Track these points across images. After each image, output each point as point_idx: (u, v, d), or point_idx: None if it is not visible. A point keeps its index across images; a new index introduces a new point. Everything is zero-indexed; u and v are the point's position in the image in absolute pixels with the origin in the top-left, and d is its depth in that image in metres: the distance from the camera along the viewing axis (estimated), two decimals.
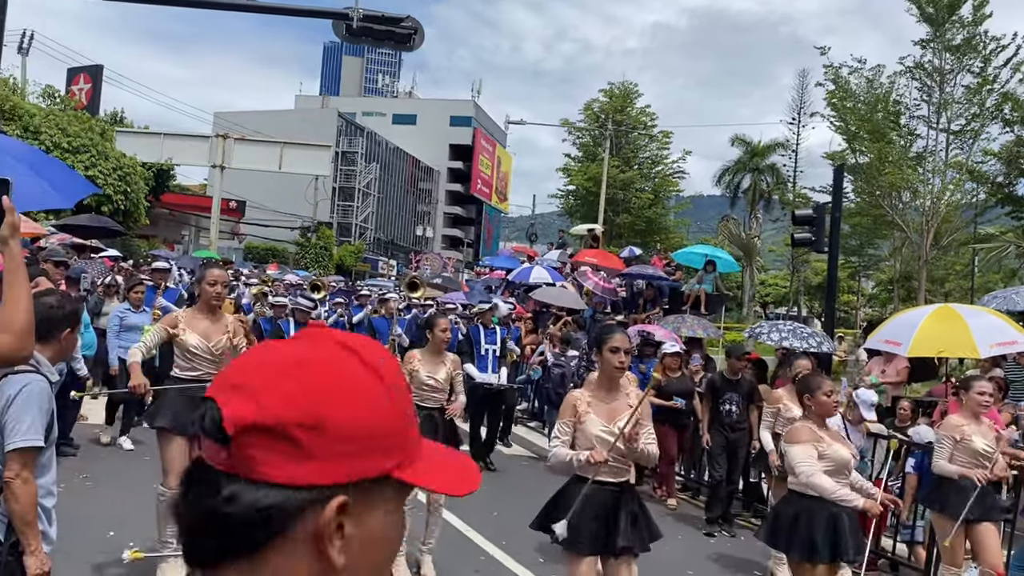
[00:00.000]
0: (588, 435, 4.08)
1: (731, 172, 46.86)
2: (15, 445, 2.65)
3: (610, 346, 4.16)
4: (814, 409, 4.82)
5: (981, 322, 7.51)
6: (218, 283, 5.19)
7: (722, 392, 7.99)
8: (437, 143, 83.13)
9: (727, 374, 8.09)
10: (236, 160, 32.25)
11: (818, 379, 4.97)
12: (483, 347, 9.72)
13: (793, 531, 4.63)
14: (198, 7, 13.47)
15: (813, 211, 11.19)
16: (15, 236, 2.34)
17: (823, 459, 4.59)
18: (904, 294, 32.11)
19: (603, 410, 4.14)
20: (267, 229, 50.12)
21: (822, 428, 4.80)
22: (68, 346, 3.03)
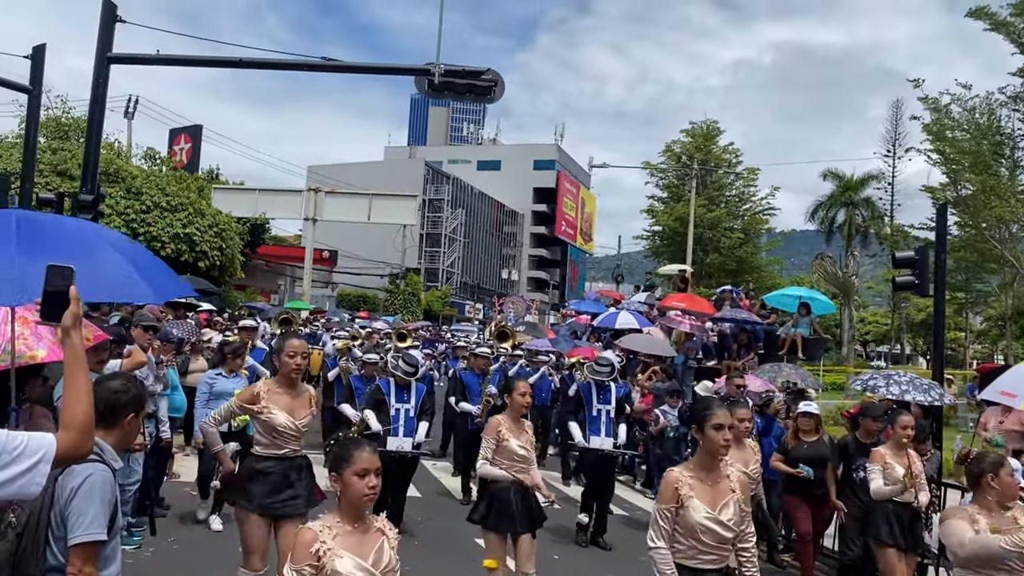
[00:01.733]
0: (691, 524, 3.75)
1: (824, 207, 45.50)
2: (78, 539, 2.58)
3: (713, 423, 3.81)
4: (997, 489, 4.13)
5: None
6: (298, 354, 4.91)
7: (855, 458, 7.23)
8: (521, 187, 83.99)
9: (861, 437, 7.33)
10: (327, 212, 33.25)
11: (992, 458, 4.30)
12: (595, 407, 8.69)
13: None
14: (291, 69, 13.94)
15: (915, 252, 10.52)
16: (76, 327, 2.29)
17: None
18: (1018, 331, 30.24)
19: (706, 494, 3.80)
20: (358, 277, 51.34)
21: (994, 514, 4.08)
22: (132, 432, 2.96)
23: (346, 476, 3.02)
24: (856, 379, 9.77)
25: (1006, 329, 31.17)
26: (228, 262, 27.10)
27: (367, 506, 3.05)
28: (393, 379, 8.14)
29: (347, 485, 3.02)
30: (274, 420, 4.84)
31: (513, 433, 5.77)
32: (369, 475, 3.02)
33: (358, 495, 3.01)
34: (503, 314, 28.81)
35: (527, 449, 5.76)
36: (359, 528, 3.01)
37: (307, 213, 32.73)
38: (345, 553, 2.92)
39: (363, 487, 3.01)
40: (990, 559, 3.99)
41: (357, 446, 3.12)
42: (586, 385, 9.02)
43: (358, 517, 3.04)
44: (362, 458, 3.04)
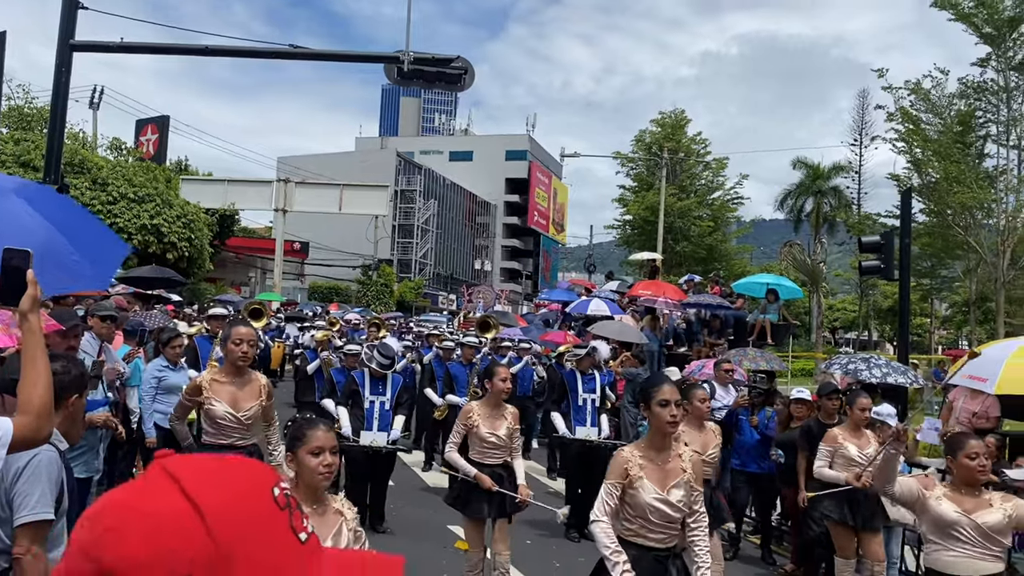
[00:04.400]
0: (639, 504, 3.75)
1: (793, 196, 45.97)
2: (25, 519, 2.55)
3: (659, 399, 3.77)
4: (954, 472, 4.28)
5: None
6: (244, 342, 4.83)
7: (818, 440, 7.10)
8: (493, 178, 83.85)
9: (823, 418, 7.33)
10: (298, 203, 33.02)
11: (963, 438, 4.35)
12: (580, 396, 8.53)
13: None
14: (258, 57, 13.79)
15: (881, 237, 10.71)
16: (34, 310, 2.26)
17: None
18: (981, 316, 30.82)
19: (656, 473, 3.80)
20: (330, 269, 50.98)
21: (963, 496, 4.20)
22: (76, 412, 2.91)
23: (300, 455, 2.98)
24: (834, 362, 9.85)
25: (970, 315, 31.72)
26: (197, 253, 26.79)
27: (322, 485, 3.00)
28: (368, 371, 8.03)
29: (301, 464, 2.97)
30: (214, 411, 4.80)
31: (487, 420, 5.76)
32: (324, 453, 2.97)
33: (312, 473, 2.95)
34: (472, 304, 28.79)
35: (498, 436, 5.73)
36: (316, 510, 2.96)
37: (277, 204, 32.49)
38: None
39: (317, 465, 2.95)
40: (936, 523, 4.14)
41: (311, 425, 3.08)
42: (571, 373, 8.89)
43: (315, 498, 2.99)
44: (316, 436, 3.00)
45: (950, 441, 4.45)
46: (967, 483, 4.18)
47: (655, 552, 3.78)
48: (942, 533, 4.12)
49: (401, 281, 56.64)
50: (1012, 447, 8.41)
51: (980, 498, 4.15)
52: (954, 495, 4.17)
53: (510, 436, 5.82)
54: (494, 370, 5.93)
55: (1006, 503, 4.13)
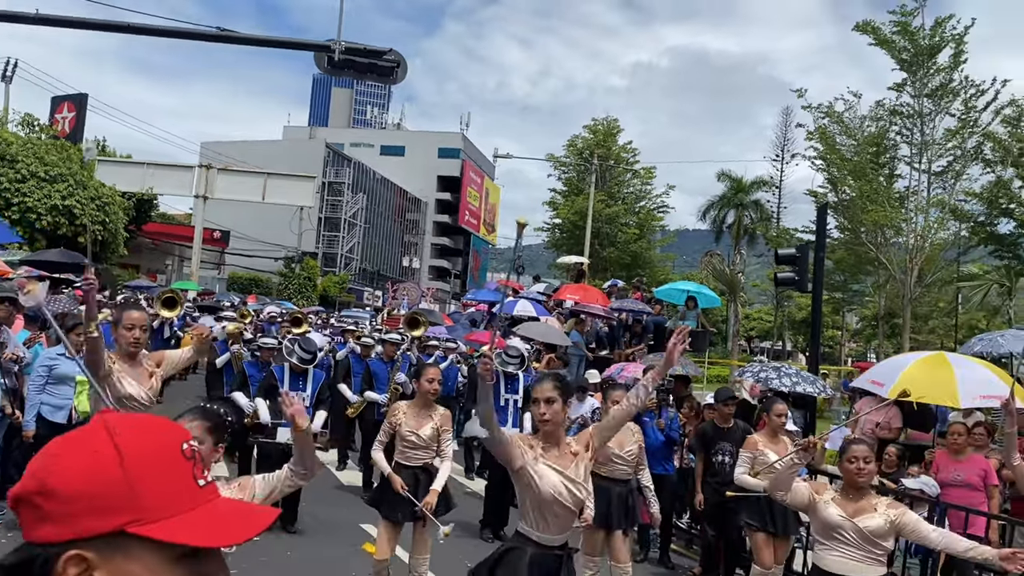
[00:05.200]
0: (541, 495, 3.65)
1: (716, 207, 47.06)
2: None
3: (532, 397, 3.82)
4: (843, 476, 4.44)
5: (971, 374, 7.22)
6: (136, 327, 4.57)
7: (714, 442, 7.46)
8: (425, 175, 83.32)
9: (718, 422, 7.53)
10: (219, 190, 32.13)
11: (849, 444, 4.47)
12: (502, 397, 8.50)
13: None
14: (184, 38, 13.37)
15: (796, 250, 11.06)
16: None
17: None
18: (888, 331, 32.12)
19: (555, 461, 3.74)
20: (251, 260, 49.81)
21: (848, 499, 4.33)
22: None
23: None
24: (746, 370, 10.09)
25: (878, 329, 33.04)
26: (111, 237, 25.80)
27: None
28: (288, 365, 7.84)
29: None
30: (122, 390, 4.58)
31: (413, 419, 5.69)
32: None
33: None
34: (396, 300, 28.52)
35: (419, 437, 5.65)
36: None
37: (198, 190, 31.54)
38: None
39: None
40: (823, 525, 4.29)
41: (189, 416, 3.11)
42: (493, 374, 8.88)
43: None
44: (193, 427, 3.04)
45: (842, 447, 4.62)
46: (851, 486, 4.34)
47: (549, 550, 3.68)
48: (827, 535, 4.29)
49: (325, 275, 55.77)
50: (912, 457, 8.77)
51: (866, 503, 4.29)
52: (842, 499, 4.32)
53: (434, 438, 5.72)
54: (422, 370, 5.90)
55: (891, 510, 4.27)
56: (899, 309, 27.29)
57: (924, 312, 32.48)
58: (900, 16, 23.57)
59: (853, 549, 4.21)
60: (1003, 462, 7.74)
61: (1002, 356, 9.81)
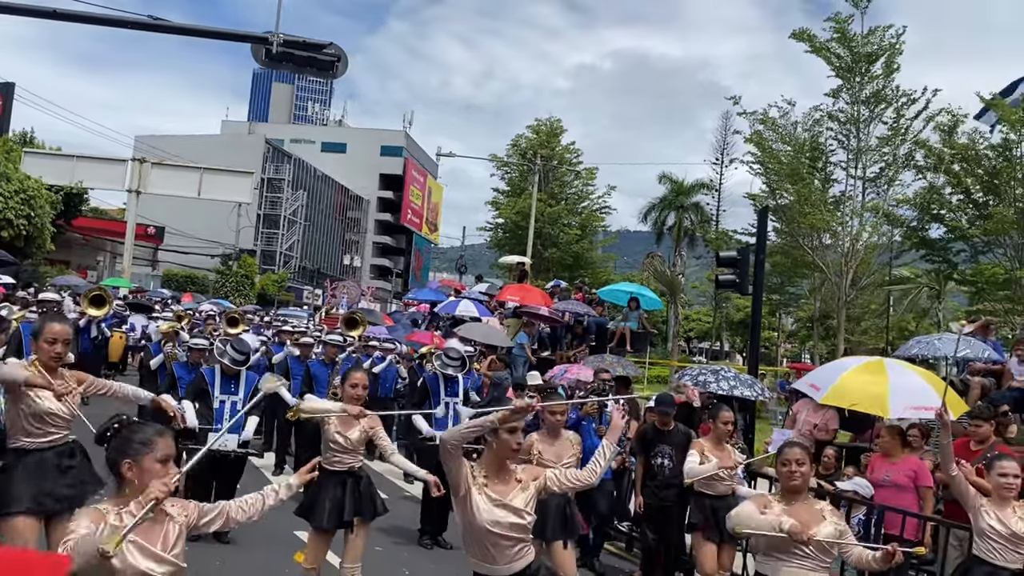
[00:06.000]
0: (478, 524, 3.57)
1: (657, 209, 47.56)
2: None
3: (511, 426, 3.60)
4: (781, 482, 4.41)
5: (905, 382, 7.09)
6: (59, 341, 4.36)
7: (653, 444, 7.35)
8: (367, 172, 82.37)
9: (658, 424, 7.44)
10: (153, 185, 31.09)
11: (785, 447, 4.45)
12: (442, 399, 8.41)
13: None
14: (113, 25, 12.85)
15: (737, 253, 11.16)
16: None
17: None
18: (823, 332, 32.87)
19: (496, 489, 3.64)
20: (187, 256, 48.55)
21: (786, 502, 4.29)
22: None
23: (146, 463, 2.79)
24: (685, 373, 10.10)
25: (813, 330, 33.77)
26: (36, 232, 24.79)
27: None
28: (219, 367, 7.57)
29: (146, 472, 2.78)
30: (41, 405, 4.33)
31: (341, 422, 5.57)
32: (170, 463, 2.83)
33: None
34: (335, 299, 28.04)
35: (346, 439, 5.55)
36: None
37: (131, 185, 30.45)
38: (133, 537, 2.71)
39: (166, 475, 2.80)
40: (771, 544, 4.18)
41: (157, 431, 2.88)
42: (432, 376, 8.71)
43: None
44: (167, 444, 2.85)
45: (778, 450, 4.59)
46: (787, 490, 4.30)
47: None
48: (779, 550, 4.16)
49: (264, 273, 54.70)
50: (848, 458, 8.89)
51: (812, 510, 4.24)
52: (789, 508, 4.23)
53: (361, 441, 5.63)
54: (347, 375, 5.82)
55: (835, 516, 4.27)
56: (834, 311, 27.88)
57: (857, 314, 33.31)
58: (836, 23, 24.10)
59: (807, 560, 4.12)
60: (938, 464, 7.91)
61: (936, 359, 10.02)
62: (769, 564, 4.26)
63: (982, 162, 21.12)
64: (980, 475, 5.63)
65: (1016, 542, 4.81)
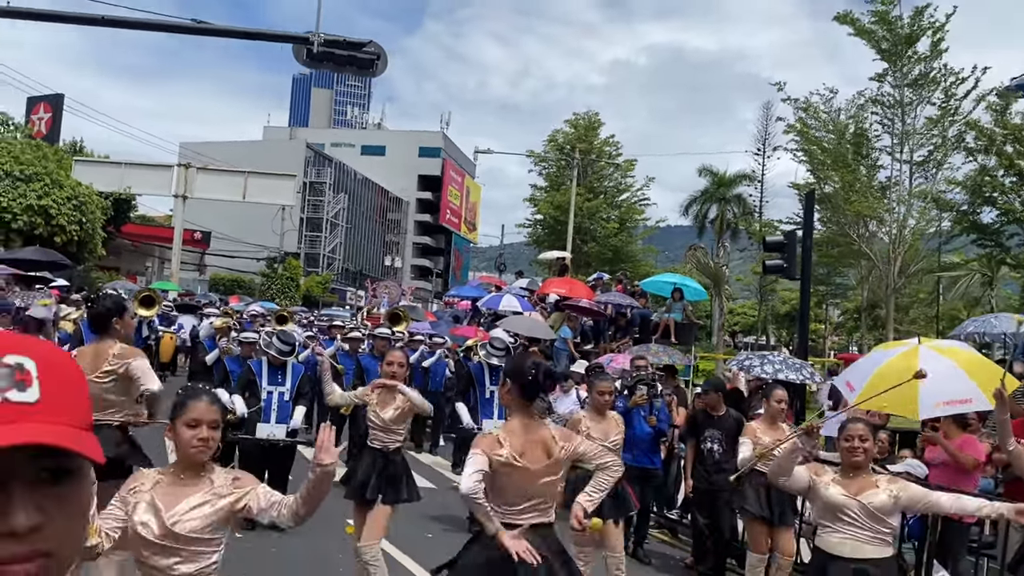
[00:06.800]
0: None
1: (698, 202, 47.03)
2: None
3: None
4: (841, 458, 4.40)
5: (937, 369, 5.93)
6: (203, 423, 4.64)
7: (703, 429, 7.34)
8: (406, 174, 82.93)
9: (709, 409, 7.44)
10: (199, 190, 31.70)
11: (846, 423, 4.39)
12: (488, 389, 8.40)
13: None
14: (158, 30, 13.14)
15: (784, 237, 11.01)
16: None
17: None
18: (871, 323, 32.28)
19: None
20: (233, 260, 49.36)
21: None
22: None
23: (177, 426, 2.94)
24: (732, 362, 9.99)
25: (861, 321, 33.18)
26: (88, 238, 25.40)
27: (197, 458, 2.94)
28: (266, 359, 7.69)
29: (177, 435, 2.94)
30: None
31: (378, 402, 5.69)
32: (201, 426, 2.91)
33: (186, 445, 2.91)
34: (377, 299, 28.26)
35: (380, 419, 5.68)
36: (185, 479, 2.93)
37: (177, 190, 31.10)
38: (155, 500, 2.83)
39: (191, 437, 2.90)
40: (826, 507, 4.18)
41: (194, 395, 3.00)
42: (478, 366, 8.77)
43: (189, 469, 2.95)
44: (196, 408, 2.93)
45: (839, 427, 4.53)
46: (849, 466, 4.24)
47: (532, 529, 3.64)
48: (832, 516, 4.17)
49: (308, 275, 55.39)
50: (901, 442, 8.72)
51: (866, 480, 4.20)
52: (842, 480, 4.22)
53: (397, 420, 5.72)
54: (385, 351, 5.98)
55: (892, 485, 4.19)
56: (882, 301, 27.37)
57: (906, 303, 32.64)
58: (879, 5, 23.63)
59: (859, 530, 4.09)
60: (995, 446, 7.72)
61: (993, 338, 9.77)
62: (823, 538, 4.24)
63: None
64: None
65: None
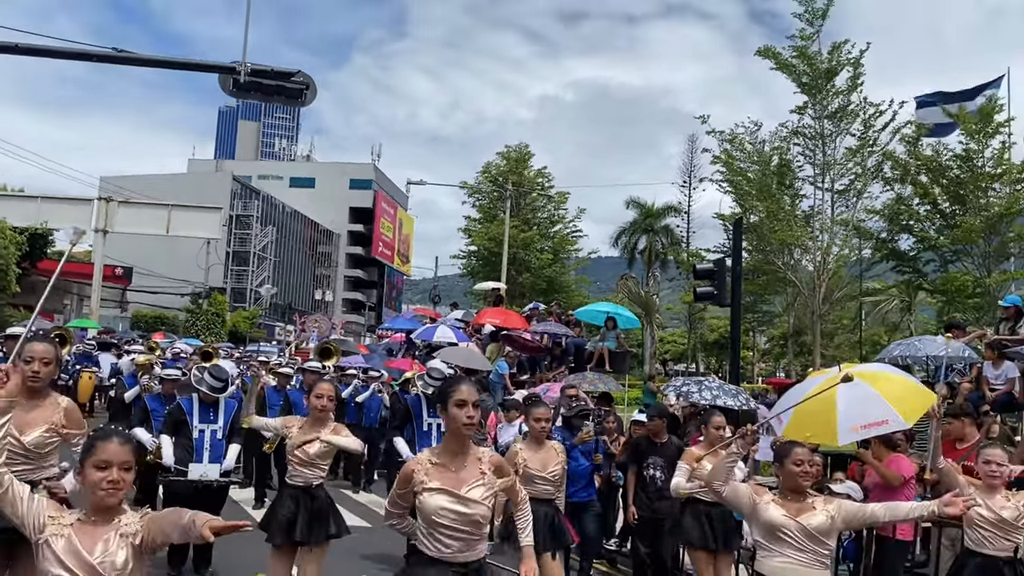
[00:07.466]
0: (428, 509, 3.51)
1: (627, 233, 47.76)
2: None
3: (456, 399, 3.54)
4: (781, 479, 4.37)
5: (854, 395, 5.79)
6: (36, 359, 4.20)
7: (645, 456, 7.27)
8: (337, 206, 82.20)
9: (651, 436, 7.38)
10: (120, 224, 30.65)
11: (790, 446, 4.39)
12: (425, 421, 8.16)
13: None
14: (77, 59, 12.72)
15: (714, 264, 11.19)
16: None
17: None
18: (797, 349, 33.09)
19: (449, 478, 3.55)
20: (156, 296, 47.87)
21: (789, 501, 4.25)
22: None
23: (86, 467, 2.83)
24: (669, 386, 10.03)
25: (787, 347, 33.99)
26: (1, 274, 24.30)
27: (107, 501, 2.81)
28: (197, 396, 7.42)
29: (85, 476, 2.84)
30: None
31: (303, 435, 5.47)
32: (111, 468, 2.78)
33: (93, 487, 2.81)
34: (306, 333, 27.69)
35: (305, 453, 5.46)
36: (98, 522, 2.83)
37: (97, 224, 30.00)
38: (71, 538, 2.76)
39: (100, 479, 2.79)
40: (765, 528, 4.18)
41: (104, 436, 2.88)
42: (415, 398, 8.55)
43: (99, 512, 2.84)
44: (107, 449, 2.82)
45: (778, 450, 4.53)
46: (793, 489, 4.25)
47: (454, 568, 3.50)
48: (772, 538, 4.16)
49: (235, 310, 54.07)
50: (833, 464, 8.87)
51: (804, 503, 4.22)
52: (782, 501, 4.23)
53: (322, 455, 5.53)
54: (313, 386, 5.69)
55: (828, 505, 4.21)
56: (807, 327, 28.07)
57: (830, 329, 33.59)
58: (799, 41, 24.58)
59: (799, 552, 4.09)
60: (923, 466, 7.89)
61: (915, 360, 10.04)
62: (764, 563, 4.22)
63: (947, 172, 21.52)
64: (968, 473, 5.61)
65: (1006, 529, 4.87)
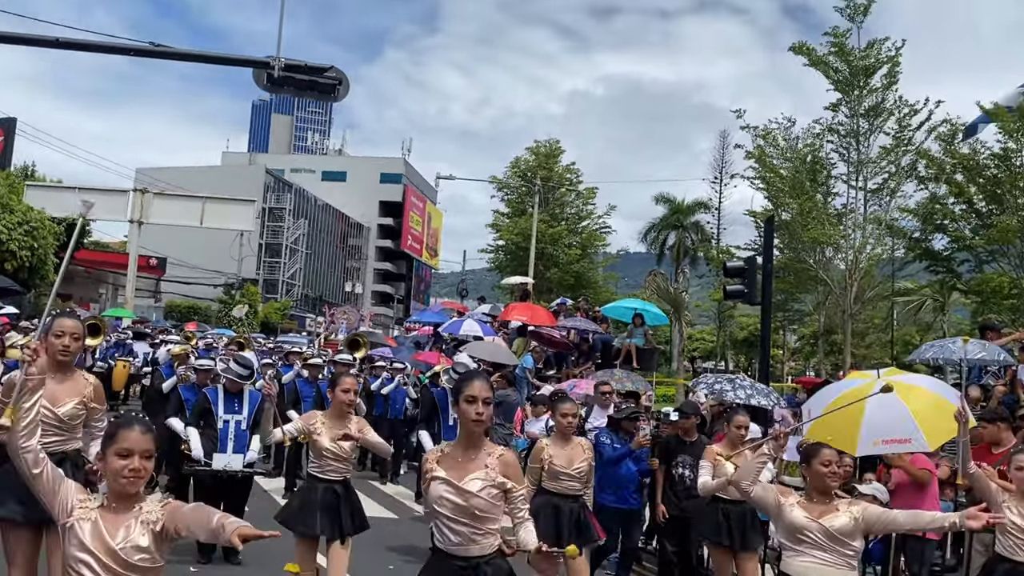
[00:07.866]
0: (432, 496, 3.62)
1: (656, 229, 47.50)
2: None
3: (466, 395, 3.64)
4: (808, 480, 4.37)
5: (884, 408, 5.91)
6: (66, 334, 4.50)
7: (675, 454, 7.27)
8: (367, 200, 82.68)
9: (681, 434, 7.38)
10: (155, 215, 31.10)
11: (818, 447, 4.39)
12: (451, 415, 8.11)
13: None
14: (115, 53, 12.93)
15: (744, 262, 11.12)
16: None
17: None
18: (827, 348, 32.71)
19: (453, 468, 3.64)
20: (189, 287, 48.57)
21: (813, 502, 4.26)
22: None
23: (108, 455, 2.87)
24: (700, 383, 9.97)
25: (817, 346, 33.61)
26: (40, 263, 24.78)
27: (128, 489, 2.86)
28: (223, 386, 7.49)
29: (107, 464, 2.88)
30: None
31: (329, 430, 5.45)
32: (133, 456, 2.83)
33: (114, 475, 2.84)
34: (334, 324, 27.87)
35: (341, 449, 5.45)
36: (118, 508, 2.88)
37: (132, 215, 30.47)
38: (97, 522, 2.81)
39: (122, 467, 2.83)
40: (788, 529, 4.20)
41: (126, 424, 2.93)
42: (442, 392, 8.63)
43: (120, 499, 2.88)
44: (128, 437, 2.86)
45: (805, 451, 4.54)
46: (819, 491, 4.27)
47: (457, 561, 3.55)
48: (794, 539, 4.19)
49: (267, 302, 54.69)
50: (862, 465, 8.78)
51: (829, 504, 4.24)
52: (806, 503, 4.26)
53: (355, 449, 5.59)
54: (338, 380, 5.66)
55: (852, 507, 4.22)
56: (838, 326, 27.72)
57: (861, 329, 33.14)
58: (834, 37, 24.18)
59: (822, 552, 4.11)
60: (954, 469, 7.80)
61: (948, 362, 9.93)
62: (788, 562, 4.23)
63: (984, 171, 21.11)
64: (1003, 478, 5.54)
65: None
